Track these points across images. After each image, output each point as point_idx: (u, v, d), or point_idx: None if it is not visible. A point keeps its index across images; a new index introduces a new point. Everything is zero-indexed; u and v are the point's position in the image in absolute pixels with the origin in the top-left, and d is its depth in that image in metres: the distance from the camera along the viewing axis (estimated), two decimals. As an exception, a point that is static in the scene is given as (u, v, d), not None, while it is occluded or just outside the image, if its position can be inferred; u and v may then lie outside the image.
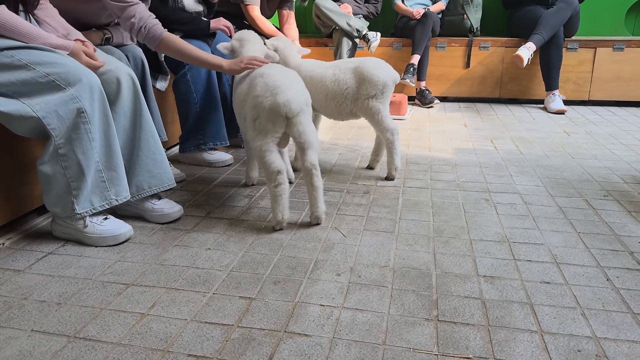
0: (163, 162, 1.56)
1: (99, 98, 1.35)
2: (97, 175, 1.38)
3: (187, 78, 2.05)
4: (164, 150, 1.56)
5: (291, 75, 1.55)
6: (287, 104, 1.43)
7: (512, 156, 2.29)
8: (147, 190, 1.53)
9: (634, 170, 2.07)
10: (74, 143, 1.33)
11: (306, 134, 1.50)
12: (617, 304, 1.12)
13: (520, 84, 3.57)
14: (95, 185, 1.38)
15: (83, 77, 1.31)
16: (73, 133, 1.32)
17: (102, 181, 1.39)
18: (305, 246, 1.41)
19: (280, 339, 1.00)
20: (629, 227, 1.53)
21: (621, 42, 3.40)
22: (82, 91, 1.31)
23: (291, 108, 1.44)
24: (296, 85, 1.50)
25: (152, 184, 1.53)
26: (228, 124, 2.35)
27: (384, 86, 1.85)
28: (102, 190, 1.39)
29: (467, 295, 1.16)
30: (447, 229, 1.52)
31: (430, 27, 3.43)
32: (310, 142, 1.51)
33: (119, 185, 1.42)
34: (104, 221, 1.43)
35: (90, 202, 1.39)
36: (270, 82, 1.47)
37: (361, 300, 1.14)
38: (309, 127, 1.51)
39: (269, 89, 1.45)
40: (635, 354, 0.96)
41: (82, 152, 1.34)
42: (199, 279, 1.23)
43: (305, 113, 1.50)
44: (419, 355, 0.96)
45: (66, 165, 1.34)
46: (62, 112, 1.30)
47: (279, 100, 1.43)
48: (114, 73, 1.44)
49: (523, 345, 0.98)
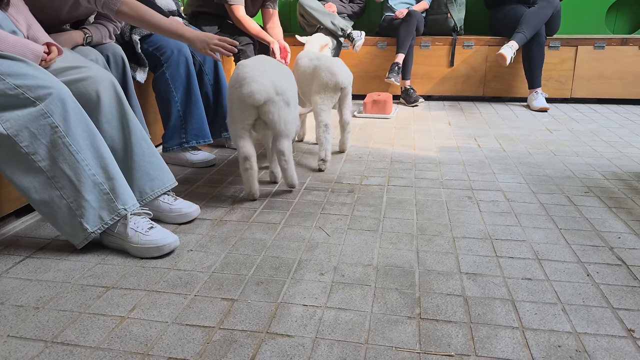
0: (160, 164, 1.52)
1: (74, 109, 1.27)
2: (97, 188, 1.31)
3: (166, 76, 2.04)
4: (157, 152, 1.54)
5: (266, 68, 1.66)
6: (251, 95, 1.58)
7: (495, 154, 2.31)
8: (150, 194, 1.48)
9: (614, 167, 2.10)
10: (58, 161, 1.26)
11: (275, 123, 1.65)
12: (597, 299, 1.13)
13: (503, 82, 3.60)
14: (99, 199, 1.31)
15: (53, 89, 1.24)
16: (54, 151, 1.25)
17: (106, 193, 1.32)
18: (289, 246, 1.40)
19: (262, 340, 0.99)
20: (609, 222, 1.54)
21: (602, 40, 3.45)
22: (53, 105, 1.23)
23: (255, 98, 1.58)
24: (265, 78, 1.61)
25: (154, 187, 1.49)
26: (212, 123, 2.34)
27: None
28: (108, 202, 1.32)
29: (450, 292, 1.16)
30: (430, 226, 1.52)
31: (414, 26, 3.44)
32: (279, 130, 1.67)
33: (123, 194, 1.35)
34: (149, 230, 1.34)
35: (100, 218, 1.32)
36: (241, 74, 1.63)
37: (344, 299, 1.14)
38: (280, 116, 1.64)
39: (238, 80, 1.62)
40: (614, 348, 0.97)
41: (69, 168, 1.27)
42: (180, 281, 1.22)
43: (275, 103, 1.62)
44: (401, 353, 0.96)
45: (60, 186, 1.27)
46: (34, 129, 1.23)
47: (244, 91, 1.59)
48: (93, 81, 1.38)
49: (504, 341, 0.99)
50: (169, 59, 2.01)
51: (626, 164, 2.14)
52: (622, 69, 3.47)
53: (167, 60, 2.01)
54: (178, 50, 2.03)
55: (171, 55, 2.02)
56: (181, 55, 2.04)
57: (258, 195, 1.77)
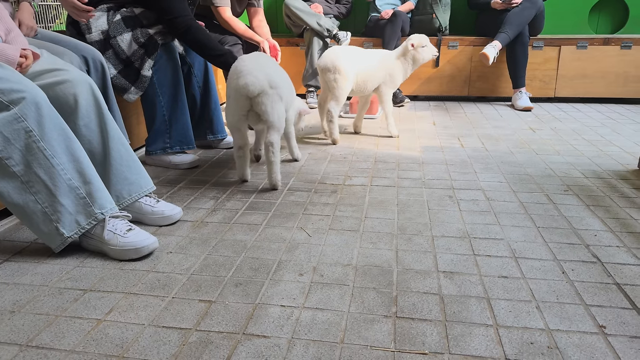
0: (138, 167, 1.51)
1: (48, 114, 1.26)
2: (73, 193, 1.30)
3: (153, 81, 2.02)
4: (136, 156, 1.53)
5: (263, 62, 1.78)
6: (245, 87, 1.68)
7: (478, 153, 2.33)
8: (127, 198, 1.48)
9: (594, 165, 2.13)
10: (33, 166, 1.25)
11: (267, 114, 1.74)
12: (571, 296, 1.15)
13: (488, 82, 3.63)
14: (76, 203, 1.30)
15: (26, 93, 1.22)
16: (28, 156, 1.24)
17: (82, 197, 1.31)
18: (269, 247, 1.40)
19: (238, 341, 1.00)
20: (586, 220, 1.57)
21: (584, 40, 3.49)
22: (27, 109, 1.22)
23: (249, 90, 1.68)
24: (260, 71, 1.71)
25: (131, 191, 1.49)
26: (197, 126, 2.34)
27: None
28: (85, 207, 1.31)
29: (426, 291, 1.17)
30: (410, 226, 1.53)
31: (399, 26, 3.46)
32: (271, 121, 1.76)
33: (101, 198, 1.34)
34: (127, 232, 1.34)
35: (76, 223, 1.31)
36: (239, 67, 1.75)
37: (322, 299, 1.14)
38: (272, 108, 1.74)
39: (236, 73, 1.74)
40: (585, 344, 0.98)
41: (44, 172, 1.26)
42: (158, 283, 1.21)
43: (269, 95, 1.72)
44: (376, 352, 0.96)
45: (35, 190, 1.26)
46: (8, 133, 1.21)
47: (240, 82, 1.69)
48: (71, 84, 1.37)
49: (478, 339, 1.00)
50: (157, 62, 2.00)
51: (606, 163, 2.17)
52: (604, 69, 3.51)
53: (154, 65, 2.00)
54: (167, 54, 2.02)
55: (159, 59, 2.01)
56: (170, 60, 2.03)
57: (249, 178, 1.96)
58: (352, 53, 2.48)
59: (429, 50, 2.51)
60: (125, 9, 1.97)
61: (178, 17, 1.95)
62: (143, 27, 1.97)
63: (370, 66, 2.48)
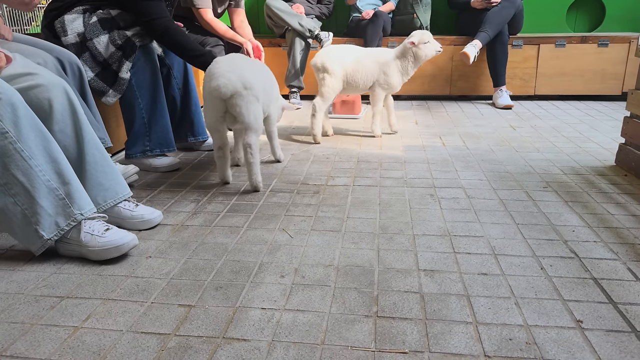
0: (113, 173, 1.49)
1: (25, 115, 1.24)
2: (52, 194, 1.28)
3: (132, 83, 2.00)
4: (112, 161, 1.51)
5: (237, 63, 1.77)
6: (217, 88, 1.67)
7: (459, 152, 2.35)
8: (102, 205, 1.46)
9: (572, 162, 2.16)
10: (10, 168, 1.23)
11: (242, 115, 1.74)
12: (549, 292, 1.16)
13: (469, 81, 3.66)
14: (55, 205, 1.29)
15: (2, 94, 1.20)
16: (5, 158, 1.22)
17: (61, 198, 1.29)
18: (250, 249, 1.39)
19: (217, 346, 0.99)
20: (564, 216, 1.59)
21: (562, 38, 3.54)
22: (2, 110, 1.20)
23: (221, 92, 1.67)
24: (233, 73, 1.70)
25: (106, 197, 1.46)
26: (178, 128, 2.32)
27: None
28: (64, 208, 1.30)
29: (407, 290, 1.18)
30: (392, 225, 1.54)
31: (380, 26, 3.47)
32: (247, 123, 1.76)
33: (80, 199, 1.32)
34: (105, 232, 1.34)
35: (56, 224, 1.29)
36: (212, 69, 1.76)
37: (303, 301, 1.14)
38: (247, 110, 1.73)
39: (209, 75, 1.74)
40: (562, 339, 1.00)
41: (22, 174, 1.24)
42: (137, 289, 1.20)
43: (243, 96, 1.71)
44: (356, 352, 0.96)
45: (14, 192, 1.25)
46: None
47: (212, 84, 1.69)
48: (45, 88, 1.35)
49: (458, 336, 1.00)
50: (135, 64, 1.98)
51: (584, 159, 2.20)
52: (582, 66, 3.57)
53: (133, 67, 1.97)
54: (145, 56, 2.00)
55: (137, 61, 1.98)
56: (148, 62, 2.01)
57: (230, 180, 1.96)
58: (346, 52, 2.49)
59: (432, 46, 2.46)
60: (102, 10, 1.94)
61: (156, 19, 1.93)
62: (120, 29, 1.94)
63: (363, 65, 2.48)
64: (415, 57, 2.48)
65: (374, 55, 2.51)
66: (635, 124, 1.99)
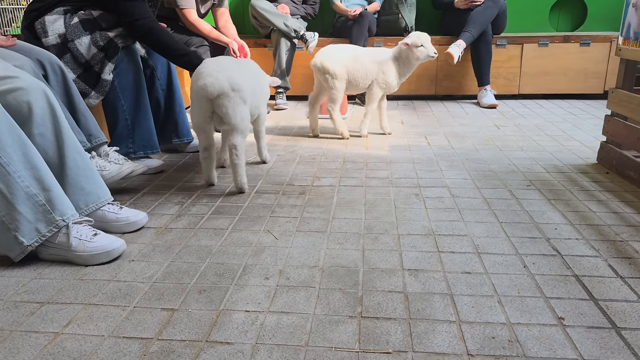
0: (95, 177, 1.47)
1: (3, 120, 1.22)
2: (32, 200, 1.26)
3: (115, 85, 1.98)
4: (93, 165, 1.49)
5: (226, 65, 1.77)
6: (204, 88, 1.67)
7: (444, 151, 2.36)
8: (84, 209, 1.43)
9: (555, 160, 2.19)
10: None
11: (228, 116, 1.73)
12: (532, 290, 1.17)
13: (454, 80, 3.68)
14: (35, 211, 1.27)
15: None
16: None
17: (41, 205, 1.28)
18: (235, 252, 1.39)
19: (200, 349, 0.98)
20: (547, 214, 1.60)
21: (545, 38, 3.58)
22: None
23: (207, 91, 1.67)
24: (221, 73, 1.70)
25: (88, 202, 1.44)
26: (162, 130, 2.29)
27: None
28: (44, 214, 1.28)
29: (392, 289, 1.18)
30: (377, 225, 1.54)
31: (366, 26, 3.48)
32: (232, 124, 1.75)
33: (61, 205, 1.31)
34: (94, 237, 1.33)
35: (36, 231, 1.28)
36: (200, 69, 1.77)
37: (288, 302, 1.14)
38: (233, 111, 1.73)
39: (197, 74, 1.75)
40: (544, 336, 1.00)
41: (0, 181, 1.22)
42: (119, 293, 1.18)
43: (230, 97, 1.71)
44: (340, 354, 0.96)
45: None
46: None
47: (199, 84, 1.69)
48: (24, 92, 1.32)
49: (441, 336, 1.01)
50: (118, 66, 1.95)
51: (567, 157, 2.23)
52: (565, 65, 3.61)
53: (115, 68, 1.95)
54: (128, 57, 1.98)
55: (120, 62, 1.96)
56: (131, 63, 1.99)
57: (215, 182, 1.94)
58: (344, 51, 2.50)
59: (425, 50, 2.42)
60: (83, 11, 1.92)
61: (139, 20, 1.92)
62: (102, 30, 1.92)
63: (362, 64, 2.49)
64: (407, 59, 2.48)
65: (372, 54, 2.52)
66: (616, 122, 2.02)
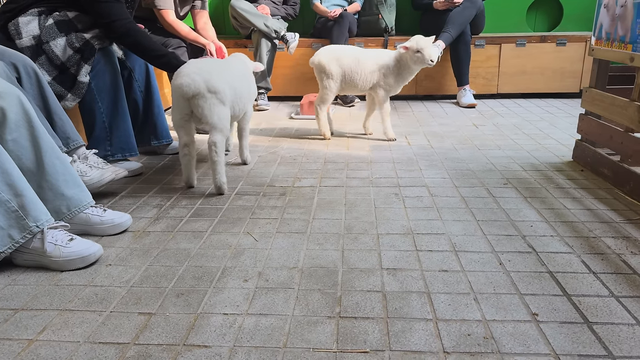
0: (76, 181, 1.46)
1: None
2: (4, 206, 1.24)
3: (91, 87, 1.95)
4: (73, 169, 1.47)
5: (206, 66, 1.79)
6: (180, 87, 1.72)
7: (423, 151, 2.38)
8: (67, 213, 1.42)
9: (532, 158, 2.22)
10: None
11: (205, 117, 1.76)
12: (507, 287, 1.19)
13: (434, 81, 3.72)
14: (7, 217, 1.25)
15: None
16: None
17: (14, 211, 1.25)
18: (214, 254, 1.38)
19: (178, 353, 0.97)
20: (523, 212, 1.63)
21: (522, 38, 3.64)
22: None
23: (183, 90, 1.71)
24: (199, 74, 1.72)
25: (70, 206, 1.43)
26: (140, 132, 2.27)
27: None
28: (17, 220, 1.26)
29: (370, 289, 1.19)
30: (357, 225, 1.55)
31: (346, 27, 3.49)
32: (210, 123, 1.78)
33: (34, 210, 1.28)
34: (69, 242, 1.31)
35: (9, 237, 1.25)
36: (181, 68, 1.79)
37: (266, 304, 1.14)
38: (210, 111, 1.75)
39: (177, 73, 1.77)
40: (519, 332, 1.02)
41: None
42: (96, 298, 1.17)
43: (206, 99, 1.74)
44: (318, 354, 0.97)
45: None
46: None
47: (176, 82, 1.74)
48: None
49: (418, 334, 1.02)
50: (95, 68, 1.93)
51: (543, 155, 2.27)
52: (542, 65, 3.68)
53: (92, 70, 1.92)
54: (105, 59, 1.95)
55: (97, 64, 1.93)
56: (108, 65, 1.96)
57: (195, 184, 1.93)
58: (345, 52, 2.50)
59: (423, 58, 2.32)
60: (58, 13, 1.89)
61: (116, 21, 1.89)
62: (78, 32, 1.89)
63: (362, 65, 2.48)
64: (406, 62, 2.41)
65: (374, 56, 2.50)
66: (590, 120, 2.06)
